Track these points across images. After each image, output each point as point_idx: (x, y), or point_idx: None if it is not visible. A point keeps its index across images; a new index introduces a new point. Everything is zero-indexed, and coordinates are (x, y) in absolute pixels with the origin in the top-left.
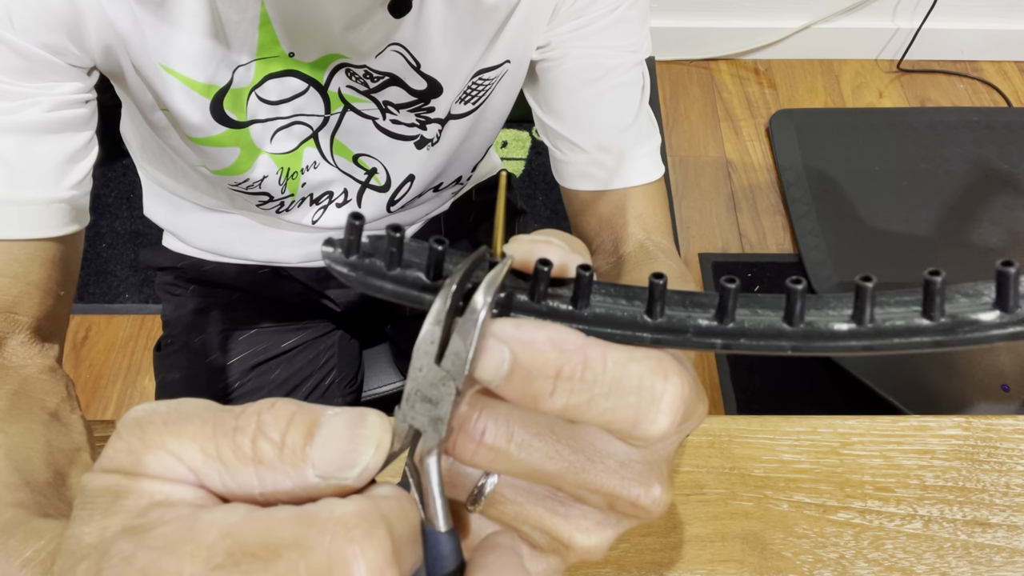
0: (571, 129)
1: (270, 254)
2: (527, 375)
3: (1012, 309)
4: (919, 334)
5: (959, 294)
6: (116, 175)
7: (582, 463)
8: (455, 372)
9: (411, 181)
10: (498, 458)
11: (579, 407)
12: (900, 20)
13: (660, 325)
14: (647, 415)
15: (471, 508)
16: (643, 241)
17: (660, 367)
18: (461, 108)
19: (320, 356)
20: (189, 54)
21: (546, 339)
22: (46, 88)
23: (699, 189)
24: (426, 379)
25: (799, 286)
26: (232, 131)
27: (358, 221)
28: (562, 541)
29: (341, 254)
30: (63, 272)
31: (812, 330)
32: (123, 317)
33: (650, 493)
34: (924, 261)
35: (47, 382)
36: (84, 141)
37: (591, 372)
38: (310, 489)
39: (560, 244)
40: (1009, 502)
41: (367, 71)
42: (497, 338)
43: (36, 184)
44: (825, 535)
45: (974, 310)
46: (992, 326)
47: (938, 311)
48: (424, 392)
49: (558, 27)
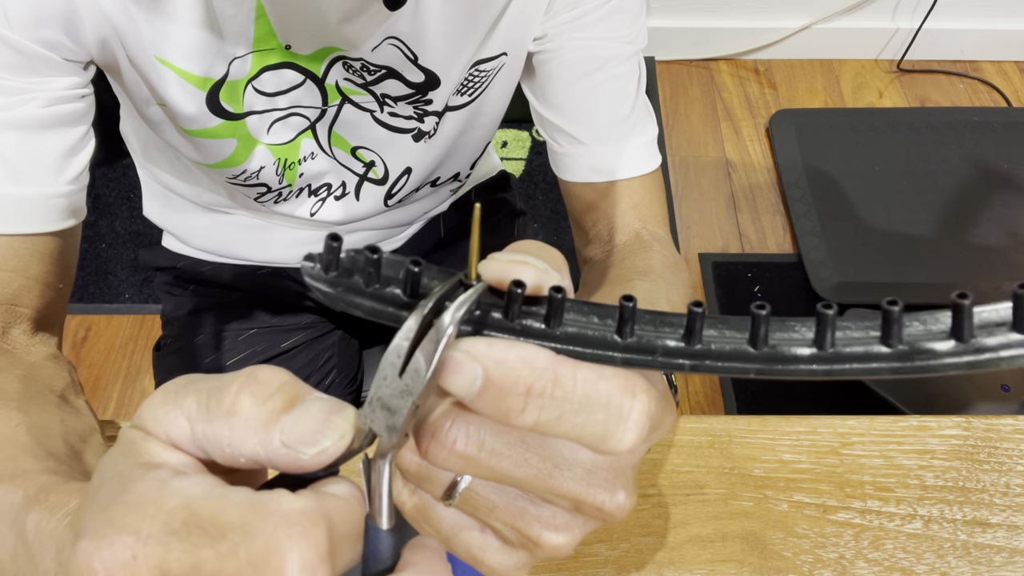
0: (568, 121)
1: (270, 254)
2: (499, 392)
3: (967, 339)
4: (877, 360)
5: (917, 321)
6: (116, 175)
7: (550, 470)
8: (413, 388)
9: (408, 174)
10: (469, 464)
11: (549, 423)
12: (900, 20)
13: (630, 345)
14: (615, 431)
15: (446, 503)
16: (639, 231)
17: (628, 385)
18: (458, 100)
19: (320, 356)
20: (184, 47)
21: (517, 357)
22: (43, 83)
23: (699, 189)
24: (388, 389)
25: (763, 312)
26: (228, 123)
27: (336, 242)
28: (531, 539)
29: (320, 270)
30: (61, 266)
31: (775, 354)
32: (123, 317)
33: (615, 499)
34: (924, 261)
35: (52, 368)
36: (81, 135)
37: (561, 389)
38: (272, 453)
39: (535, 263)
40: (1009, 502)
41: (364, 64)
42: (470, 355)
43: (34, 180)
44: (825, 535)
45: (931, 339)
46: (947, 355)
47: (895, 339)
48: (384, 400)
49: (554, 18)
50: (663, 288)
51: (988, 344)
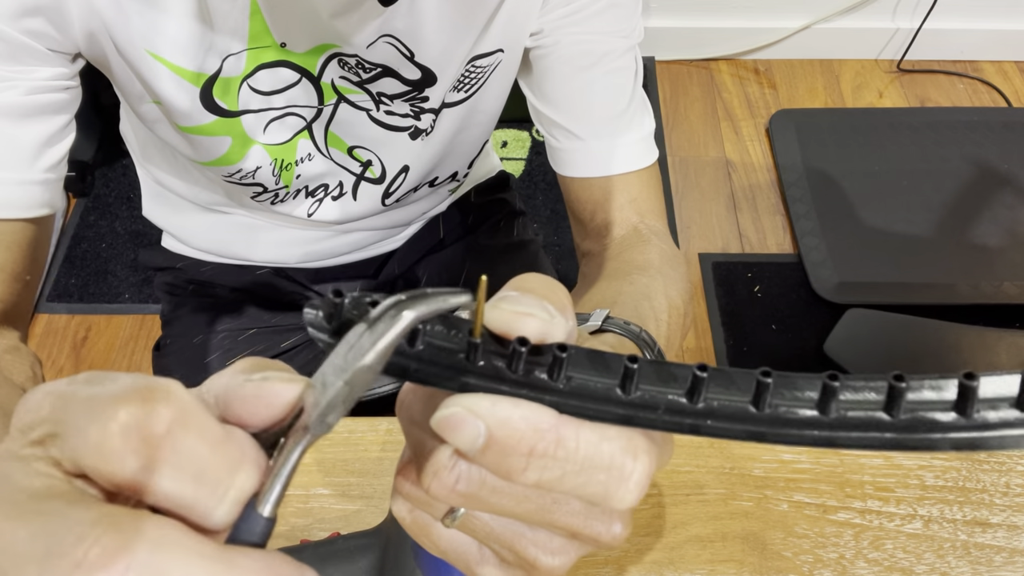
0: (565, 116)
1: (269, 254)
2: (501, 451)
3: (970, 415)
4: (879, 429)
5: (927, 388)
6: (116, 175)
7: (548, 506)
8: (349, 365)
9: (406, 173)
10: (470, 501)
11: (551, 482)
12: (900, 20)
13: (632, 401)
14: (616, 492)
15: (447, 523)
16: (637, 224)
17: (630, 446)
18: (455, 96)
19: (320, 356)
20: (177, 41)
21: (520, 418)
22: (25, 72)
23: (699, 189)
24: (330, 365)
25: (768, 379)
26: (223, 120)
27: (339, 298)
28: (528, 561)
29: (323, 320)
30: (30, 257)
31: (777, 416)
32: (123, 317)
33: (611, 531)
34: (924, 261)
35: (11, 361)
36: (61, 125)
37: (564, 451)
38: (231, 379)
39: (539, 314)
40: (1009, 502)
41: (359, 61)
42: (473, 413)
43: (9, 165)
44: (825, 535)
45: (934, 408)
46: (950, 427)
47: (899, 410)
48: (324, 376)
49: (550, 13)
50: (660, 283)
51: (991, 420)
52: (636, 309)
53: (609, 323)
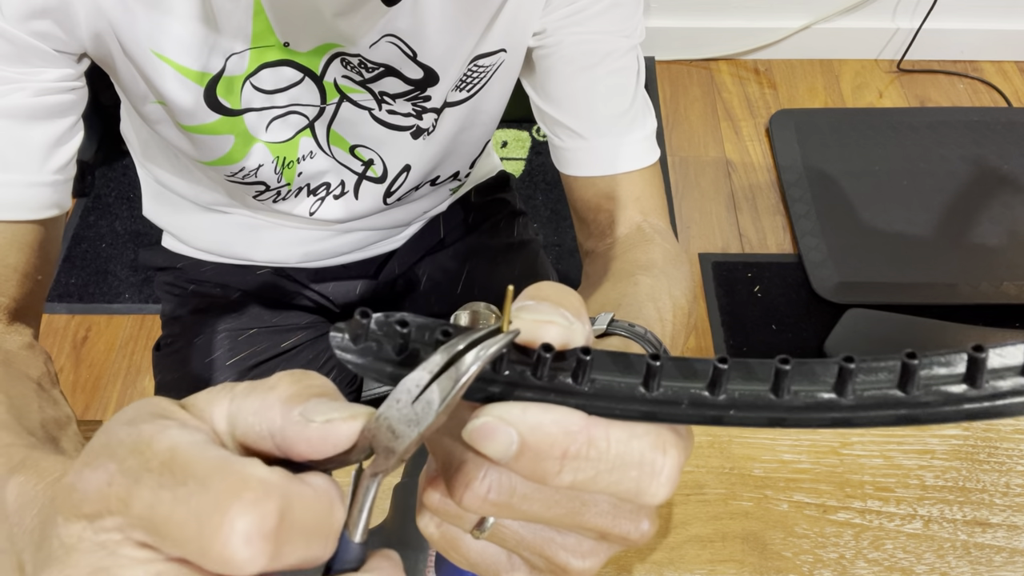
0: (568, 116)
1: (269, 254)
2: (535, 456)
3: (980, 384)
4: (895, 407)
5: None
6: (116, 175)
7: (578, 508)
8: (421, 419)
9: (407, 172)
10: (501, 510)
11: (585, 482)
12: (900, 20)
13: (656, 398)
14: (649, 487)
15: (476, 535)
16: (640, 223)
17: (659, 442)
18: (457, 95)
19: (320, 356)
20: (181, 41)
21: (551, 422)
22: (33, 74)
23: (699, 189)
24: (398, 413)
25: (787, 366)
26: (226, 119)
27: (365, 318)
28: (559, 565)
29: (349, 341)
30: (41, 257)
31: (796, 401)
32: (123, 317)
33: (639, 528)
34: (924, 261)
35: (27, 357)
36: (68, 126)
37: (596, 451)
38: (287, 420)
39: (559, 320)
40: (1009, 502)
41: (362, 61)
42: (505, 421)
43: (18, 167)
44: (825, 535)
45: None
46: (962, 399)
47: (913, 386)
48: (391, 423)
49: (553, 13)
50: (664, 283)
51: (1001, 388)
52: (641, 311)
53: (614, 326)
